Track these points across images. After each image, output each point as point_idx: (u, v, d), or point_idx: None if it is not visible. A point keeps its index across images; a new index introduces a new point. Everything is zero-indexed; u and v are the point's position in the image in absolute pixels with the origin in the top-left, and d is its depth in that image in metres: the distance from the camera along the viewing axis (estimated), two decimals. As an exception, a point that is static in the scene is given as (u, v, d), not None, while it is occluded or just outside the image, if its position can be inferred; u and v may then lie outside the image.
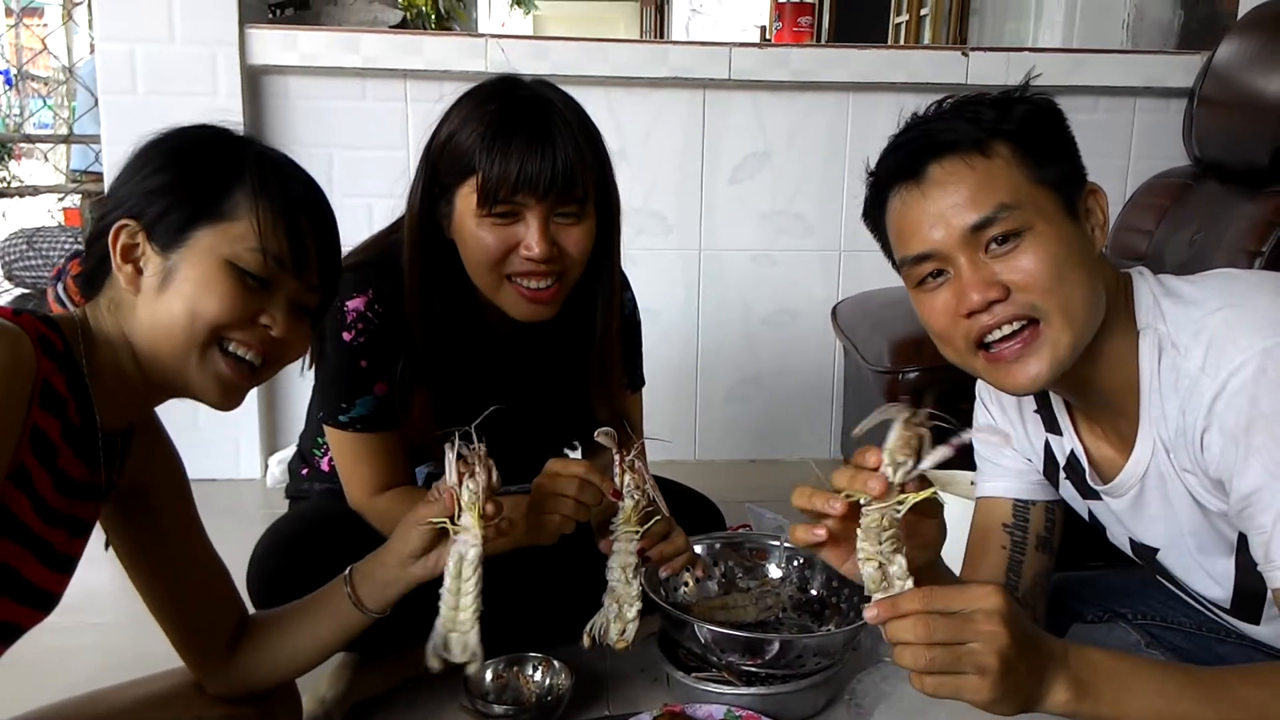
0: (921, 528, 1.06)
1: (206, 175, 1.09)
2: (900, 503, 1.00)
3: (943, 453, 1.01)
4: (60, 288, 1.13)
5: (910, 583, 1.00)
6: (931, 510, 1.05)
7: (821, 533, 1.05)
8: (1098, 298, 1.14)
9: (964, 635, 0.94)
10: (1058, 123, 1.19)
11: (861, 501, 1.02)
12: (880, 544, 1.01)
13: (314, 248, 1.13)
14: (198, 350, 1.07)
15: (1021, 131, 1.14)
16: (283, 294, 1.11)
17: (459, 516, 1.20)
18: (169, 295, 1.06)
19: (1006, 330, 1.12)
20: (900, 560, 1.01)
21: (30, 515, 1.01)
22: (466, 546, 1.20)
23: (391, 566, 1.27)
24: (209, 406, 1.11)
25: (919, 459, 1.00)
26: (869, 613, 0.98)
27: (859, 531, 1.02)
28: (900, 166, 1.17)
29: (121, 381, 1.10)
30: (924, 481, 1.02)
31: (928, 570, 1.09)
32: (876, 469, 1.01)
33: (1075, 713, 1.01)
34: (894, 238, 1.20)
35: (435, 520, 1.21)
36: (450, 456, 1.21)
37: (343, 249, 1.56)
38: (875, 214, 1.23)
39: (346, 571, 1.31)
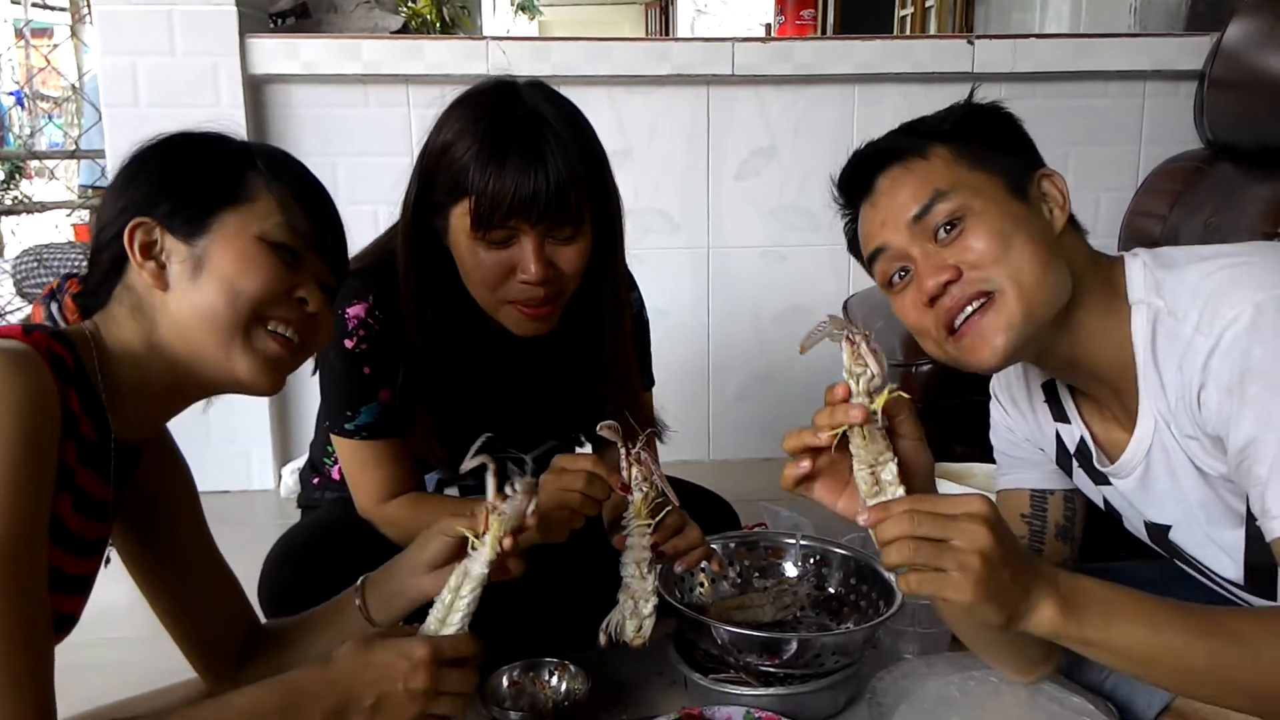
0: (904, 449, 1.08)
1: (214, 164, 1.10)
2: (874, 414, 1.04)
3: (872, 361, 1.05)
4: (55, 307, 1.10)
5: (902, 490, 1.04)
6: (909, 429, 1.08)
7: (806, 464, 1.08)
8: (1053, 271, 1.15)
9: (947, 532, 0.98)
10: (1002, 121, 1.24)
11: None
12: (871, 449, 1.05)
13: (328, 225, 1.14)
14: (241, 331, 1.06)
15: (959, 131, 1.20)
16: (310, 270, 1.11)
17: (483, 535, 1.19)
18: (204, 280, 1.05)
19: (968, 311, 1.15)
20: (891, 468, 1.05)
21: (50, 547, 0.99)
22: (475, 564, 1.18)
23: (405, 573, 1.26)
24: (252, 392, 1.10)
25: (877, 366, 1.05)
26: (861, 517, 1.03)
27: (852, 449, 1.05)
28: (853, 186, 1.26)
29: (143, 391, 1.08)
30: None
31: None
32: (847, 398, 1.05)
33: (1060, 634, 1.03)
34: (861, 247, 1.27)
35: (461, 529, 1.19)
36: (491, 474, 1.19)
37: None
38: (855, 242, 1.30)
39: (359, 581, 1.30)
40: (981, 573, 0.96)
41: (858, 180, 1.25)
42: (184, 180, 1.08)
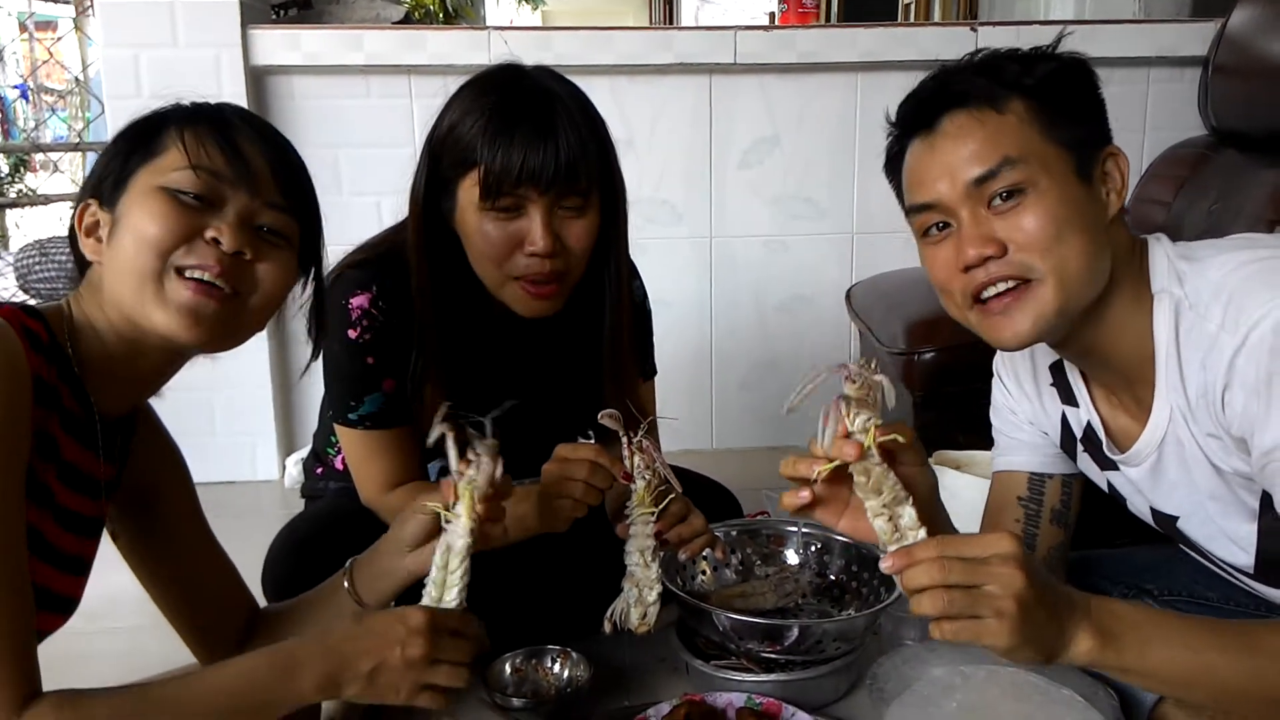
0: (905, 475, 1.07)
1: (138, 130, 1.09)
2: (869, 451, 1.02)
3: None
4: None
5: (923, 532, 1.02)
6: (910, 457, 1.08)
7: (806, 495, 1.07)
8: (1099, 263, 1.12)
9: (979, 578, 0.95)
10: (1085, 82, 1.17)
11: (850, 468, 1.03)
12: (881, 495, 1.02)
13: (263, 163, 1.10)
14: (153, 281, 1.04)
15: (1041, 88, 1.13)
16: (232, 209, 1.07)
17: (454, 505, 1.18)
18: (117, 240, 1.05)
19: (1001, 288, 1.12)
20: (909, 511, 1.03)
21: (38, 517, 1.00)
22: (455, 537, 1.17)
23: (389, 554, 1.27)
24: (181, 345, 1.07)
25: (877, 408, 1.03)
26: (884, 563, 0.99)
27: (858, 492, 1.03)
28: (914, 117, 1.18)
29: (109, 366, 1.09)
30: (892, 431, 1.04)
31: (931, 527, 1.08)
32: (846, 435, 1.03)
33: (1098, 663, 1.01)
34: (905, 186, 1.21)
35: (431, 506, 1.19)
36: (452, 443, 1.18)
37: (352, 246, 1.57)
38: (895, 164, 1.23)
39: (348, 563, 1.31)
40: (1018, 617, 0.94)
41: (922, 112, 1.17)
42: (115, 154, 1.09)
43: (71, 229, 1.10)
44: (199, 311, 1.05)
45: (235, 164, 1.07)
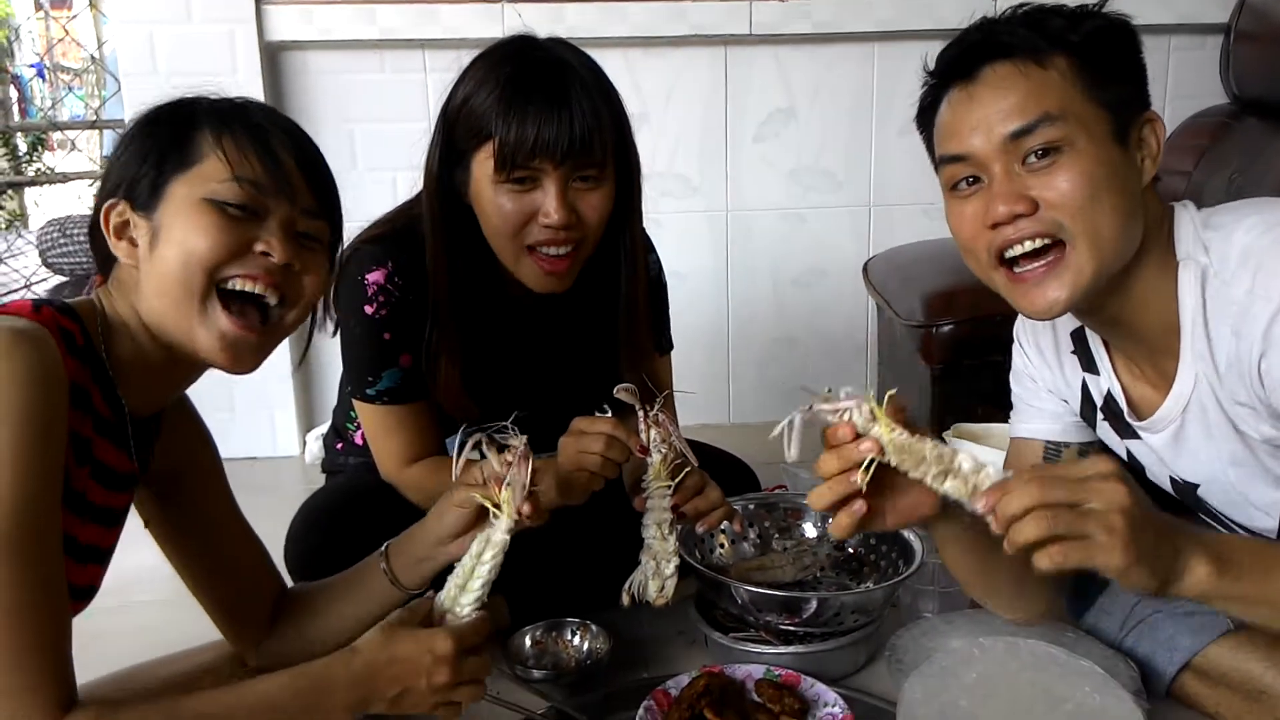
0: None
1: (167, 133, 1.07)
2: (893, 434, 0.97)
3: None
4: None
5: (990, 470, 0.96)
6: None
7: (861, 506, 1.00)
8: (1131, 228, 1.11)
9: (1082, 495, 0.90)
10: (1128, 44, 1.16)
11: (890, 461, 0.98)
12: (927, 461, 0.97)
13: (296, 169, 1.09)
14: (198, 300, 1.04)
15: (1085, 46, 1.11)
16: (275, 220, 1.07)
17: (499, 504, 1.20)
18: (160, 250, 1.04)
19: (1028, 246, 1.10)
20: (964, 459, 0.97)
21: (69, 520, 1.01)
22: (496, 532, 1.20)
23: (427, 544, 1.28)
24: (221, 368, 1.09)
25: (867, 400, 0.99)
26: (978, 504, 0.94)
27: (910, 474, 0.98)
28: (955, 65, 1.16)
29: (144, 364, 1.09)
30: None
31: None
32: (854, 435, 0.98)
33: (1212, 592, 0.97)
34: (938, 136, 1.18)
35: (479, 497, 1.20)
36: (490, 451, 1.21)
37: (367, 222, 1.58)
38: (927, 116, 1.21)
39: (383, 548, 1.32)
40: (1128, 533, 0.89)
41: (963, 61, 1.14)
42: (143, 155, 1.07)
43: (95, 224, 1.08)
44: (238, 345, 1.06)
45: (274, 173, 1.07)
